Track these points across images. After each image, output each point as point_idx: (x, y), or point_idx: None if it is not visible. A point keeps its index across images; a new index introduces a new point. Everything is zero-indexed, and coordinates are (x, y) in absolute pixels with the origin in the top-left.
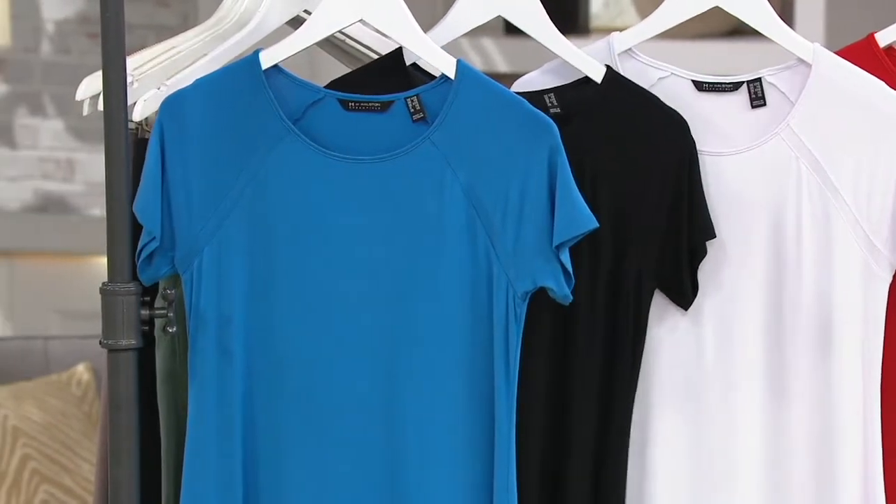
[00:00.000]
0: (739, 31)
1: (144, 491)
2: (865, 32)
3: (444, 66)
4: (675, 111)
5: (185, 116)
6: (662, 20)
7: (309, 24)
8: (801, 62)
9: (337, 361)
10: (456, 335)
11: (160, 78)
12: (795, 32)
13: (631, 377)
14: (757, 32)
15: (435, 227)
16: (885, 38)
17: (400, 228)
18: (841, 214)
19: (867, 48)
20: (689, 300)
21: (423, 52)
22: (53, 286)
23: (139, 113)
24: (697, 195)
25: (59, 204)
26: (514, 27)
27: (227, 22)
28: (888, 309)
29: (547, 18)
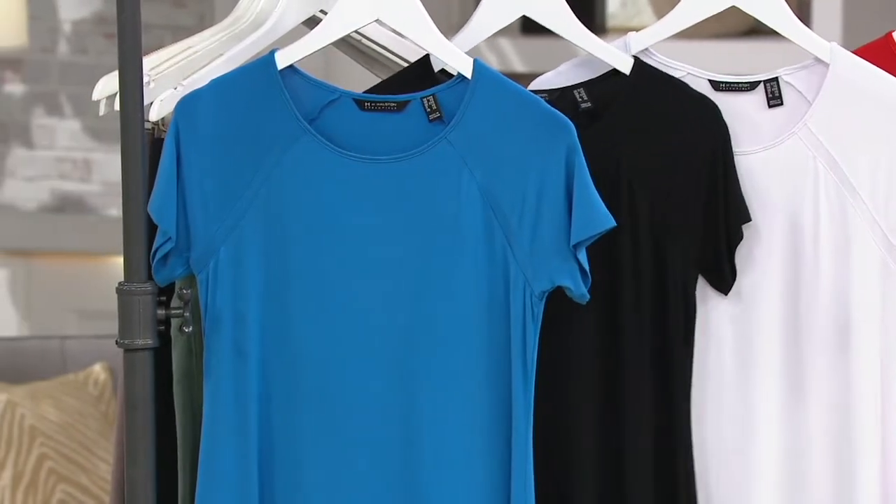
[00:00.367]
0: (756, 30)
1: (160, 490)
2: (883, 31)
3: (460, 65)
4: (705, 97)
5: (200, 117)
6: (679, 20)
7: (325, 24)
8: (818, 61)
9: (352, 361)
10: (473, 335)
11: (176, 78)
12: (812, 31)
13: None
14: (774, 32)
15: (451, 226)
16: None
17: (416, 228)
18: (858, 213)
19: (885, 47)
20: (729, 284)
21: (439, 51)
22: (70, 286)
23: (155, 113)
24: (732, 179)
25: (76, 204)
26: (530, 27)
27: (243, 22)
28: None
29: (572, 15)
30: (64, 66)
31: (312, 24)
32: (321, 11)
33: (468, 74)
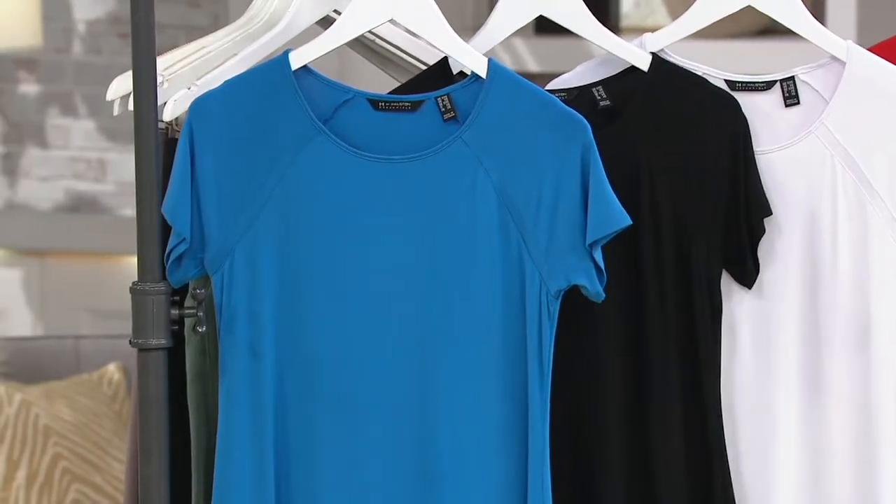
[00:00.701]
0: (771, 30)
1: (174, 489)
2: None
3: (475, 65)
4: (724, 91)
5: (214, 117)
6: (694, 20)
7: (339, 24)
8: (834, 60)
9: (367, 361)
10: (488, 334)
11: (190, 78)
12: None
13: (715, 365)
14: (788, 31)
15: (467, 226)
16: None
17: (431, 228)
18: (877, 211)
19: None
20: (752, 278)
21: (453, 51)
22: (85, 286)
23: (169, 113)
24: (753, 173)
25: (90, 204)
26: (544, 26)
27: (256, 22)
28: None
29: (590, 14)
30: (78, 66)
31: (326, 24)
32: (335, 11)
33: (483, 74)
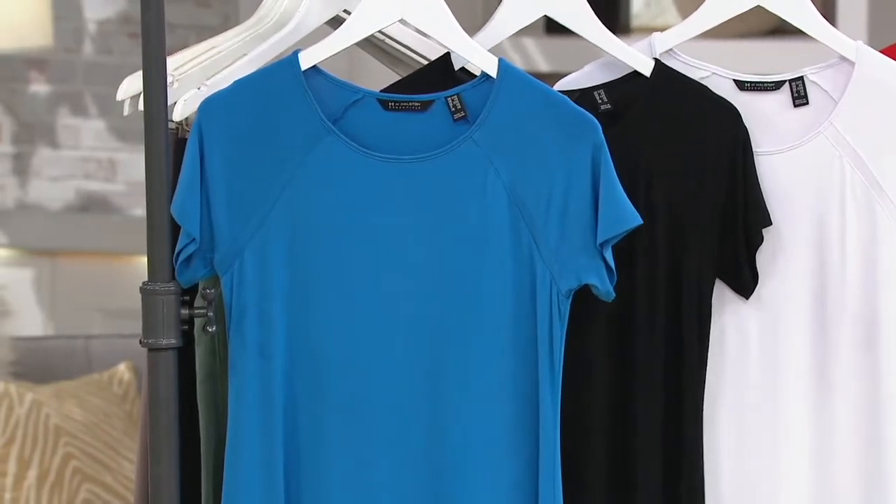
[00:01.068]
0: (781, 29)
1: (184, 489)
2: None
3: (485, 64)
4: (725, 100)
5: (223, 117)
6: (704, 20)
7: (348, 24)
8: (843, 60)
9: (378, 361)
10: (499, 334)
11: (200, 78)
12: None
13: (699, 372)
14: (799, 31)
15: (478, 226)
16: None
17: (442, 228)
18: (886, 213)
19: None
20: (750, 289)
21: (463, 51)
22: (95, 285)
23: (179, 113)
24: (752, 183)
25: (100, 204)
26: (554, 26)
27: (266, 22)
28: None
29: (593, 16)
30: (89, 66)
31: (336, 24)
32: (345, 11)
33: (493, 73)
